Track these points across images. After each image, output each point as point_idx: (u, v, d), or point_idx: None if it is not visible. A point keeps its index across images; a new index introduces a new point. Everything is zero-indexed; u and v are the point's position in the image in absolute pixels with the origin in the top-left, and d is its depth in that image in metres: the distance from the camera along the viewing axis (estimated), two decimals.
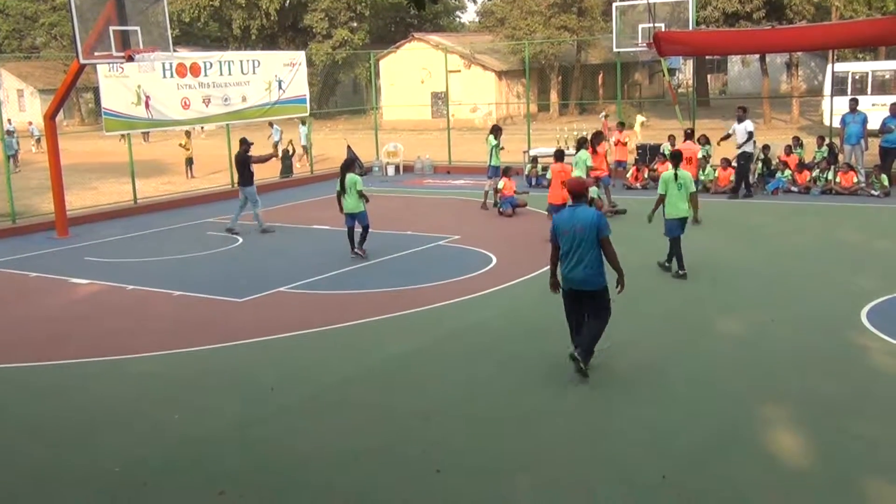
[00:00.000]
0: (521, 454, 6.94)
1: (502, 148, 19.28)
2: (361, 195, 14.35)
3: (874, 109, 22.95)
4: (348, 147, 24.55)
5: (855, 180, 18.70)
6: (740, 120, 18.84)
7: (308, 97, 25.07)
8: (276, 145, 29.78)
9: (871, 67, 31.69)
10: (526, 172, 22.78)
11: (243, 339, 10.25)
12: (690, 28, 23.15)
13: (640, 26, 23.21)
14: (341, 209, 14.48)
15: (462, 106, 42.45)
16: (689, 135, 19.03)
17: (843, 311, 10.31)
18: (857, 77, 30.02)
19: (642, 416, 7.59)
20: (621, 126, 22.50)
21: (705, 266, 13.06)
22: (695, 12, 24.03)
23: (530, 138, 25.73)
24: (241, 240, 16.61)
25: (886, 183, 18.52)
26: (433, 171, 26.55)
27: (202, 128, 38.05)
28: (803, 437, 7.04)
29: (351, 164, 15.19)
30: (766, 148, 20.54)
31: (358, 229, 14.47)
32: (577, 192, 8.65)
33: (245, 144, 17.67)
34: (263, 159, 18.33)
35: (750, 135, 18.70)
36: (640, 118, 33.67)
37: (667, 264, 12.60)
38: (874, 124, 20.20)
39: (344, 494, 6.40)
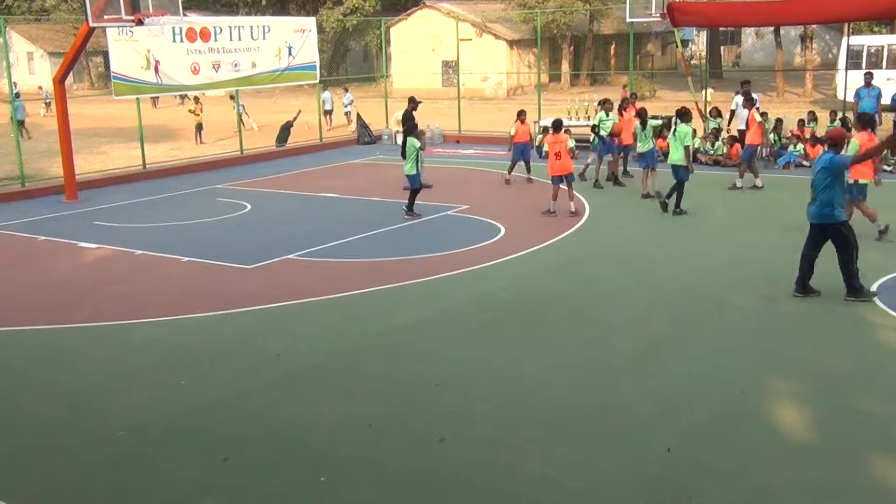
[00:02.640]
0: (525, 426, 6.95)
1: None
2: (417, 160, 14.80)
3: (889, 84, 22.71)
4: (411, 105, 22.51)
5: None
6: (743, 94, 18.55)
7: (318, 64, 24.95)
8: (347, 114, 29.76)
9: (887, 41, 31.29)
10: (536, 143, 22.65)
11: (250, 305, 10.26)
12: None
13: None
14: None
15: (473, 75, 42.17)
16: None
17: None
18: (872, 51, 29.68)
19: (648, 389, 7.59)
20: (633, 97, 22.31)
21: (719, 241, 13.01)
22: None
23: (541, 108, 25.56)
24: (249, 206, 16.60)
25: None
26: (443, 140, 26.45)
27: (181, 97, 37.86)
28: (809, 411, 7.03)
29: (414, 128, 15.51)
30: (778, 122, 20.36)
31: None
32: (837, 140, 10.06)
33: (413, 103, 18.46)
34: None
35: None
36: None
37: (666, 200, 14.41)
38: (888, 99, 20.01)
39: (348, 461, 6.42)
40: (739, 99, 18.67)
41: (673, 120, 15.31)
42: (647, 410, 7.15)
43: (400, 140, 26.05)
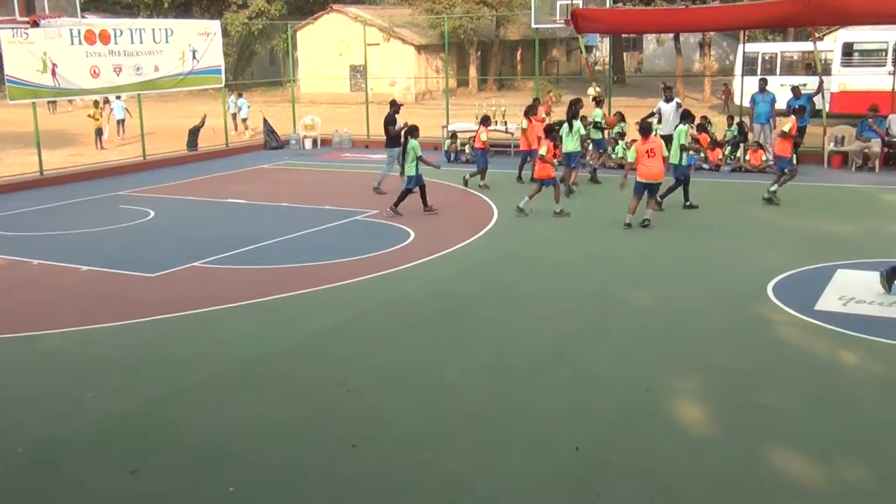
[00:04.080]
0: (438, 428, 6.99)
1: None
2: (420, 160, 14.87)
3: (783, 90, 23.60)
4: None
5: (764, 158, 19.24)
6: (668, 100, 19.10)
7: (223, 68, 24.58)
8: (244, 121, 29.18)
9: (780, 48, 32.56)
10: (445, 148, 22.78)
11: (157, 314, 10.03)
12: (607, 6, 23.42)
13: (559, 3, 23.35)
14: (402, 173, 15.12)
15: (381, 80, 42.14)
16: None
17: (750, 285, 10.63)
18: (766, 57, 30.81)
19: (557, 390, 7.72)
20: (537, 102, 22.64)
21: (621, 243, 13.31)
22: None
23: (449, 113, 25.72)
24: (153, 213, 16.23)
25: (794, 161, 19.09)
26: (351, 145, 26.35)
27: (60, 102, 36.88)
28: (712, 407, 7.26)
29: (415, 129, 15.47)
30: (704, 119, 20.58)
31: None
32: None
33: (394, 106, 18.16)
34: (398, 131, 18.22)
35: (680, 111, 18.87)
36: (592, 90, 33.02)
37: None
38: (782, 104, 20.80)
39: (261, 468, 6.34)
40: (664, 104, 19.10)
41: (677, 122, 15.91)
42: (556, 410, 7.27)
43: (308, 144, 26.07)
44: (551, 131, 15.33)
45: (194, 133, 25.45)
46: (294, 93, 30.14)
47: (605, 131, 19.30)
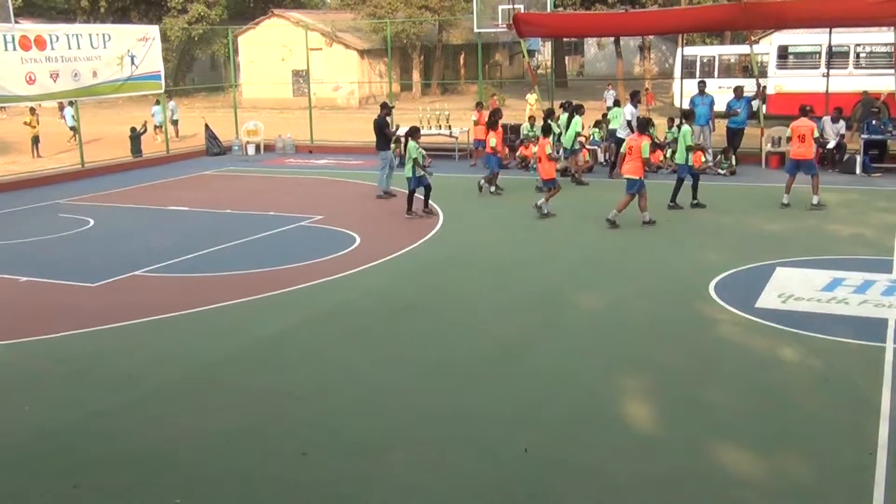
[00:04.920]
0: (388, 433, 6.97)
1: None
2: (416, 163, 14.88)
3: (720, 92, 24.04)
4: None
5: (703, 160, 19.54)
6: (633, 105, 19.42)
7: (163, 73, 24.23)
8: (158, 127, 28.66)
9: (718, 51, 33.14)
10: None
11: (97, 325, 9.85)
12: (548, 10, 23.61)
13: (500, 7, 23.47)
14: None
15: (324, 85, 41.93)
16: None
17: (693, 284, 10.80)
18: (705, 60, 31.35)
19: (505, 391, 7.75)
20: (479, 106, 22.79)
21: (567, 245, 13.42)
22: None
23: (393, 118, 25.63)
24: (92, 221, 15.93)
25: (734, 163, 19.50)
26: (295, 150, 26.16)
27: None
28: (656, 405, 7.36)
29: (415, 131, 15.49)
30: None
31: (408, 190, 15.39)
32: None
33: (385, 108, 18.18)
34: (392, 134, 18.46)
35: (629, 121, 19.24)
36: (532, 96, 33.31)
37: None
38: (721, 106, 21.17)
39: (208, 479, 6.26)
40: (629, 108, 19.34)
41: (678, 122, 16.11)
42: (504, 412, 7.31)
43: (251, 150, 25.81)
44: (549, 130, 15.55)
45: (136, 139, 25.08)
46: (236, 98, 29.83)
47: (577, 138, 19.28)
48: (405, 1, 45.81)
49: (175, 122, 29.55)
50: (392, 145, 18.54)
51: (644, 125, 14.74)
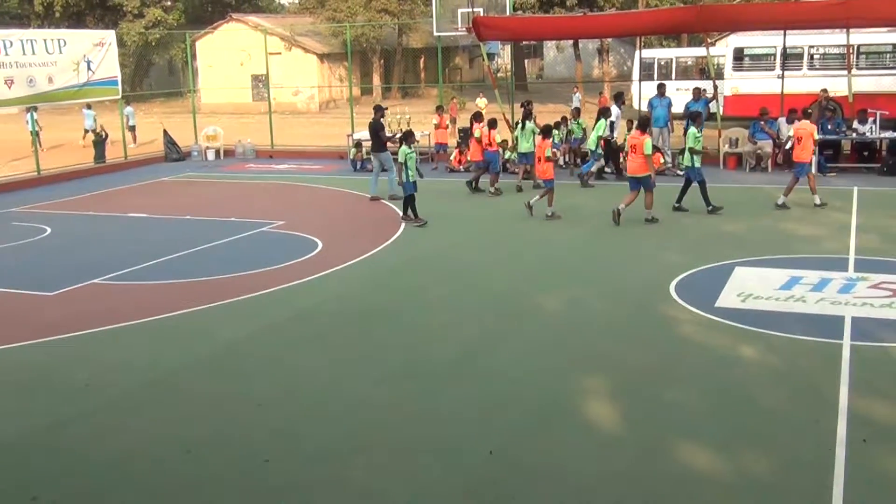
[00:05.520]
0: (350, 439, 6.94)
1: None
2: (403, 166, 14.71)
3: (678, 93, 24.30)
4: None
5: (662, 161, 19.73)
6: (618, 106, 19.56)
7: (120, 79, 23.97)
8: (87, 132, 28.26)
9: (675, 54, 33.51)
10: (350, 157, 22.68)
11: (55, 334, 9.69)
12: (507, 13, 23.71)
13: (460, 11, 23.51)
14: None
15: (283, 89, 41.73)
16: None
17: (653, 285, 10.89)
18: (662, 63, 31.67)
19: (467, 394, 7.76)
20: (440, 109, 22.83)
21: (530, 245, 13.47)
22: None
23: (353, 122, 25.63)
24: (49, 230, 15.68)
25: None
26: (255, 155, 25.99)
27: None
28: (617, 405, 7.40)
29: (409, 135, 15.32)
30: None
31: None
32: None
33: (379, 111, 18.01)
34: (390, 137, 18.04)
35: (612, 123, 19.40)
36: (482, 101, 33.53)
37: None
38: (679, 108, 21.40)
39: (168, 490, 6.18)
40: (614, 109, 19.51)
41: (685, 124, 16.29)
42: (467, 415, 7.31)
43: (210, 156, 25.60)
44: (549, 132, 15.64)
45: (100, 144, 24.75)
46: (195, 103, 29.56)
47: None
48: (364, 4, 45.80)
49: (132, 128, 29.22)
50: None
51: (644, 122, 15.14)
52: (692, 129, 15.36)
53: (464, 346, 9.05)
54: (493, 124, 18.29)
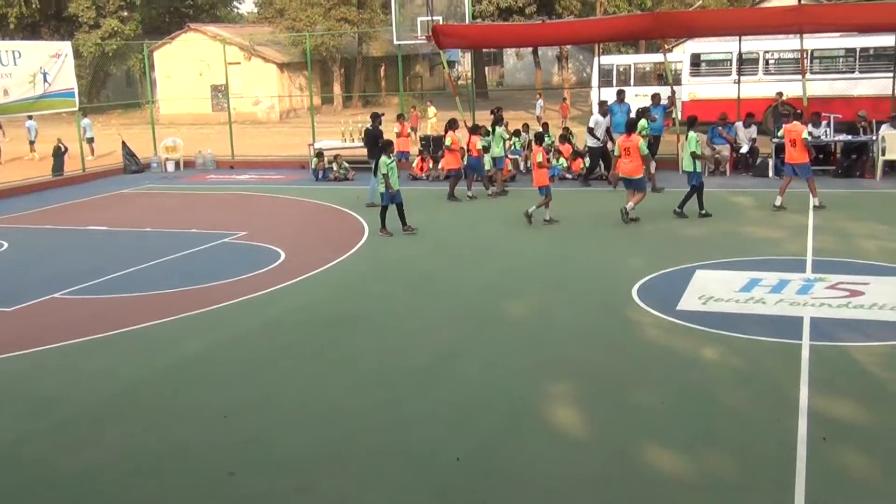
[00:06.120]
0: (319, 448, 6.93)
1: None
2: (386, 179, 14.42)
3: (637, 99, 24.56)
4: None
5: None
6: (604, 115, 19.67)
7: (77, 91, 23.69)
8: (32, 143, 27.88)
9: (633, 60, 33.86)
10: (312, 167, 22.61)
11: (14, 350, 9.55)
12: (467, 22, 23.82)
13: (419, 19, 23.60)
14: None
15: (243, 99, 41.50)
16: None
17: (616, 289, 10.99)
18: (621, 69, 31.99)
19: (436, 401, 7.78)
20: (401, 118, 22.87)
21: (492, 255, 13.53)
22: (471, 6, 24.73)
23: (314, 131, 25.57)
24: (5, 244, 15.45)
25: (652, 170, 19.86)
26: (216, 166, 25.80)
27: None
28: (585, 409, 7.47)
29: (388, 145, 15.03)
30: (566, 130, 21.36)
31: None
32: None
33: (376, 119, 17.98)
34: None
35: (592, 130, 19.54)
36: (431, 110, 33.74)
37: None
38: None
39: (138, 502, 6.14)
40: (598, 117, 19.61)
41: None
42: (436, 422, 7.33)
43: (170, 167, 25.39)
44: (541, 138, 15.73)
45: (59, 157, 24.40)
46: (153, 114, 29.29)
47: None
48: (324, 13, 45.73)
49: (90, 140, 28.87)
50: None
51: (633, 125, 15.58)
52: (692, 134, 15.48)
53: (431, 353, 9.06)
54: (475, 130, 18.38)
